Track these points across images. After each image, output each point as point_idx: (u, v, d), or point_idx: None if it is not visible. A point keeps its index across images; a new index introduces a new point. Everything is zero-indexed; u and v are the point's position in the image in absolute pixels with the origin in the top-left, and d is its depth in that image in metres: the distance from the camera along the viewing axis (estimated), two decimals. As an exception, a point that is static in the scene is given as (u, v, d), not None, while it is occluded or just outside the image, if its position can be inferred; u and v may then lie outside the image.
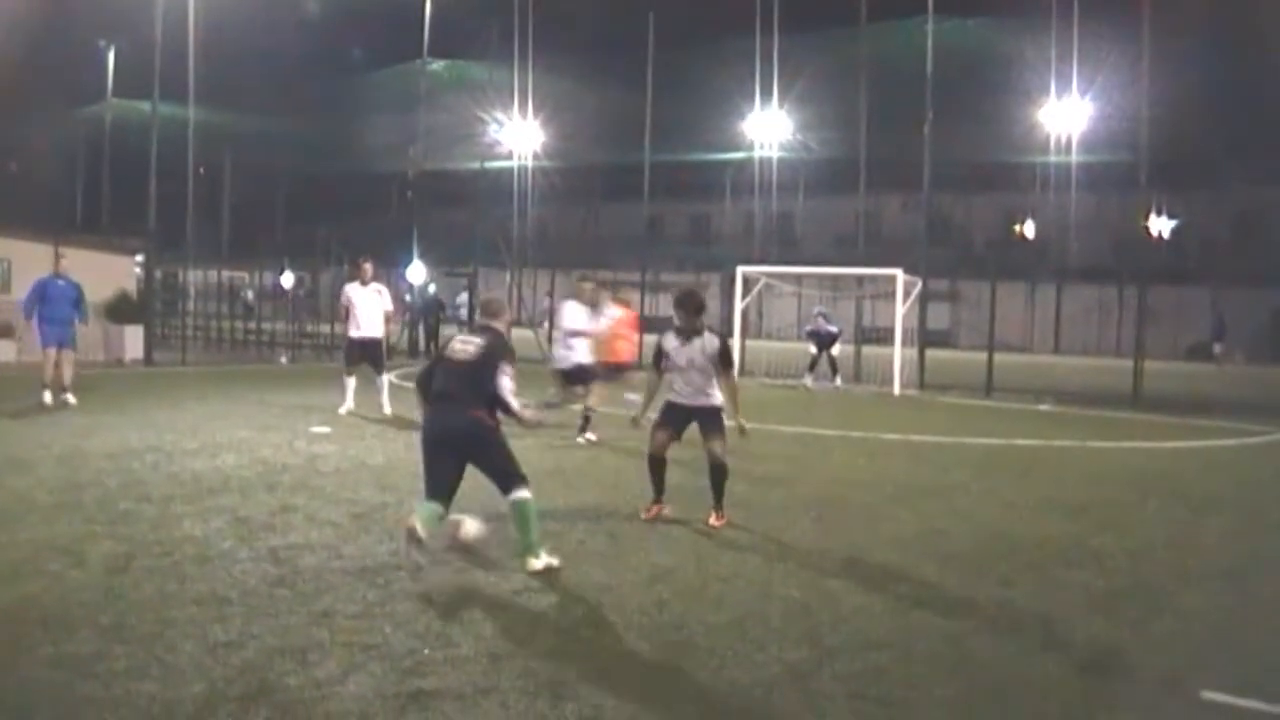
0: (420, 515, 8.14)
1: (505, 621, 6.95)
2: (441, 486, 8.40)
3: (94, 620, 6.71)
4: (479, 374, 8.43)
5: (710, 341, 10.24)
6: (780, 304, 36.96)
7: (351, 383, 18.11)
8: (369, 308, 18.03)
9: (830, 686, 6.12)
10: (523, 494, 8.33)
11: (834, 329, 26.70)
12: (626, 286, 18.18)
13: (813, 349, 26.79)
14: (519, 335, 31.20)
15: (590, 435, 15.77)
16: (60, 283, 18.77)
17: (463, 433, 8.42)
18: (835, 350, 26.79)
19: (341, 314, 19.07)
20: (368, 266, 18.33)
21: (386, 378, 18.23)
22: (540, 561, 8.18)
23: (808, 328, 27.50)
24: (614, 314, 16.48)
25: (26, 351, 25.59)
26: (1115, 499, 12.66)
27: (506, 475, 8.41)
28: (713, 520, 10.22)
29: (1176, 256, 54.12)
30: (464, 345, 8.62)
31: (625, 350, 17.24)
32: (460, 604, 7.30)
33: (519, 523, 8.35)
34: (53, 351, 18.40)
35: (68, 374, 18.37)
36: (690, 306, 10.45)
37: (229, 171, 65.17)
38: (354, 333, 18.17)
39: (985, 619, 7.51)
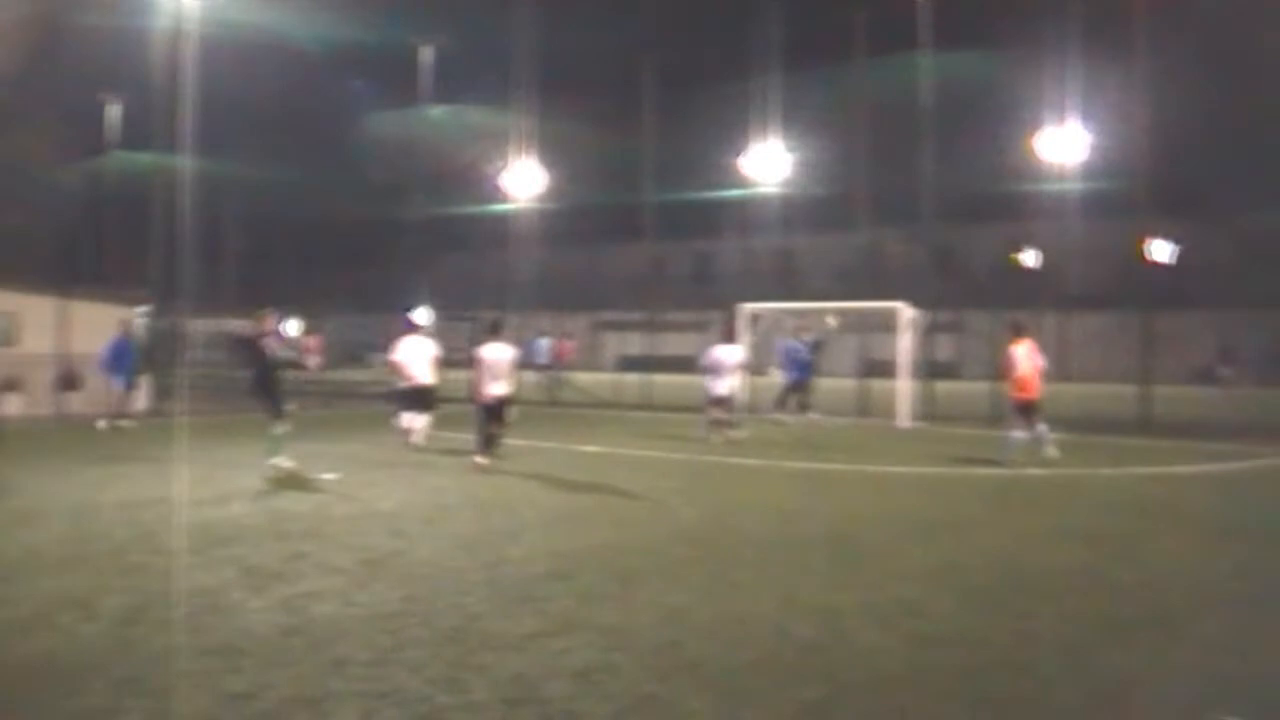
0: None
1: (519, 666, 6.91)
2: None
3: (107, 673, 6.68)
4: None
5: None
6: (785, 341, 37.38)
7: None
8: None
9: (848, 724, 6.10)
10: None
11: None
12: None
13: (783, 380, 26.77)
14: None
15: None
16: (128, 341, 24.70)
17: None
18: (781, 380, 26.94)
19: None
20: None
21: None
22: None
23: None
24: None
25: (33, 405, 25.70)
26: (1129, 527, 12.61)
27: None
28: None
29: (1179, 281, 54.10)
30: None
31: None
32: (473, 649, 7.26)
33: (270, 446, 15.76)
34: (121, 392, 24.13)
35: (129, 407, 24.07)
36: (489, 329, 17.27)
37: (232, 220, 65.43)
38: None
39: (1003, 653, 7.45)
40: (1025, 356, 17.91)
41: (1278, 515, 14.16)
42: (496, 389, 16.70)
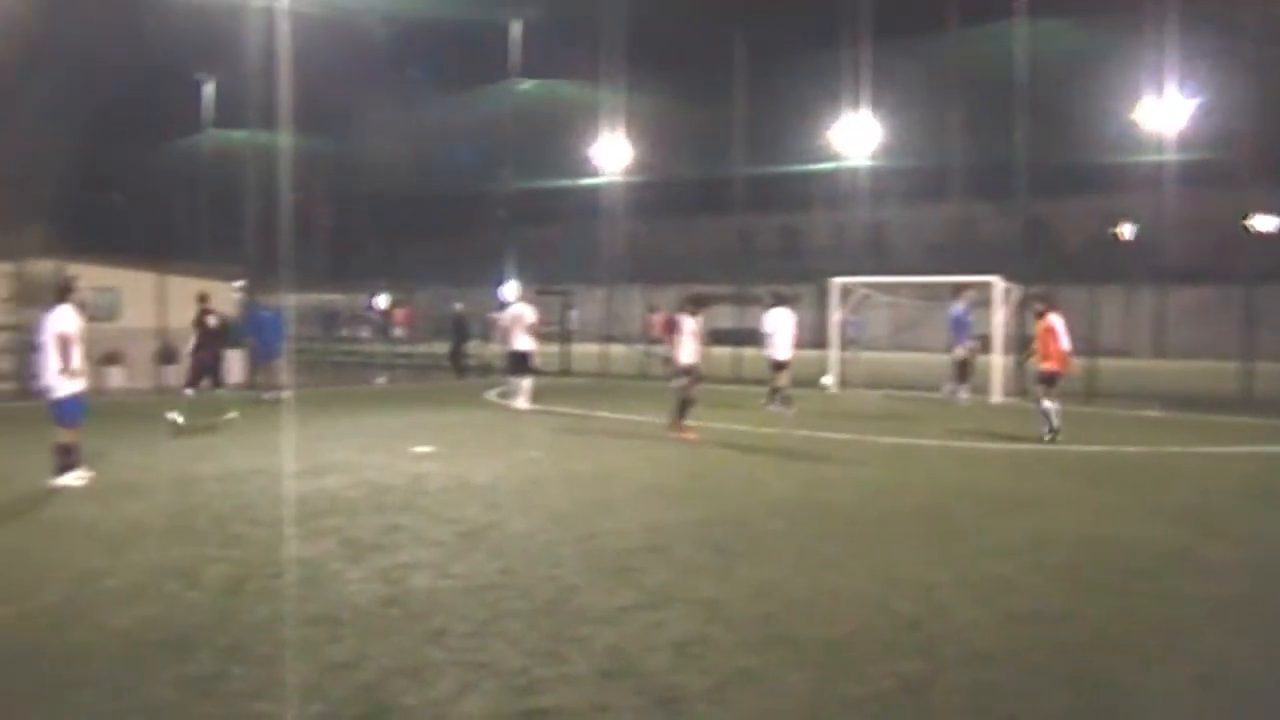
0: None
1: (615, 638, 6.95)
2: None
3: (212, 641, 6.83)
4: None
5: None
6: (874, 314, 36.93)
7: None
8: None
9: (946, 700, 6.06)
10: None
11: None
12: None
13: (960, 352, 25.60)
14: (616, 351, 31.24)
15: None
16: (265, 313, 25.73)
17: None
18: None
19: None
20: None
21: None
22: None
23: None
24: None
25: (134, 378, 26.28)
26: (1229, 506, 12.36)
27: None
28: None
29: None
30: None
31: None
32: (570, 621, 7.31)
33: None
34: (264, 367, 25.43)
35: (275, 379, 24.58)
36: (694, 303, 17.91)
37: (322, 195, 66.18)
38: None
39: (1098, 630, 7.36)
40: (1064, 330, 17.68)
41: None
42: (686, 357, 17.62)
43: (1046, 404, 17.65)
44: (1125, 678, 6.51)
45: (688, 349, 17.50)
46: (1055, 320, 17.67)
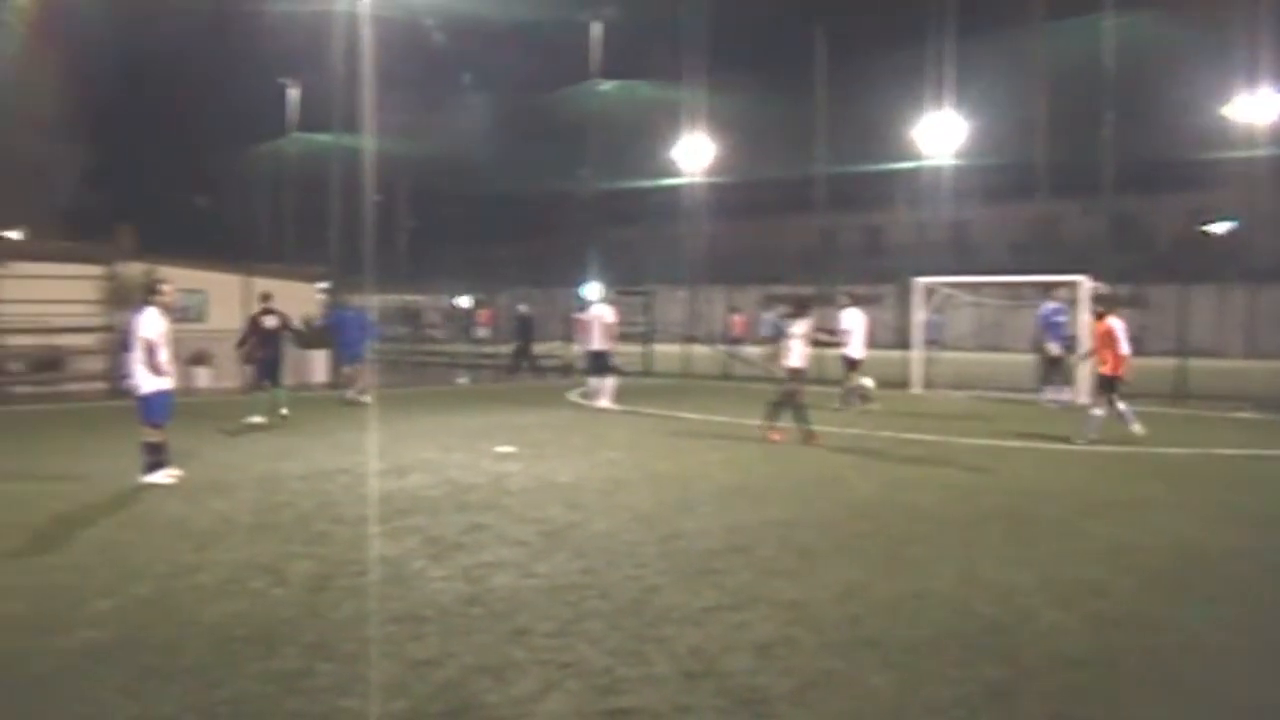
0: None
1: (698, 639, 6.92)
2: None
3: (298, 638, 6.91)
4: None
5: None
6: (957, 314, 36.46)
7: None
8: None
9: (1032, 706, 5.96)
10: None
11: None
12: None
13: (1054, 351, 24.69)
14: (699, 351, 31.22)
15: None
16: (349, 314, 25.34)
17: None
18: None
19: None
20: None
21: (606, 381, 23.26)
22: None
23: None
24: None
25: (220, 378, 26.70)
26: (1324, 509, 12.07)
27: None
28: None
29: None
30: None
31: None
32: (652, 622, 7.30)
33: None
34: (347, 367, 25.11)
35: (358, 382, 24.23)
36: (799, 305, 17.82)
37: (403, 197, 66.79)
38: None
39: (1190, 637, 7.20)
40: (1124, 333, 17.26)
41: None
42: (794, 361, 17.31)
43: (1097, 411, 17.34)
44: (1219, 686, 6.36)
45: (796, 352, 17.27)
46: (1115, 323, 17.32)
